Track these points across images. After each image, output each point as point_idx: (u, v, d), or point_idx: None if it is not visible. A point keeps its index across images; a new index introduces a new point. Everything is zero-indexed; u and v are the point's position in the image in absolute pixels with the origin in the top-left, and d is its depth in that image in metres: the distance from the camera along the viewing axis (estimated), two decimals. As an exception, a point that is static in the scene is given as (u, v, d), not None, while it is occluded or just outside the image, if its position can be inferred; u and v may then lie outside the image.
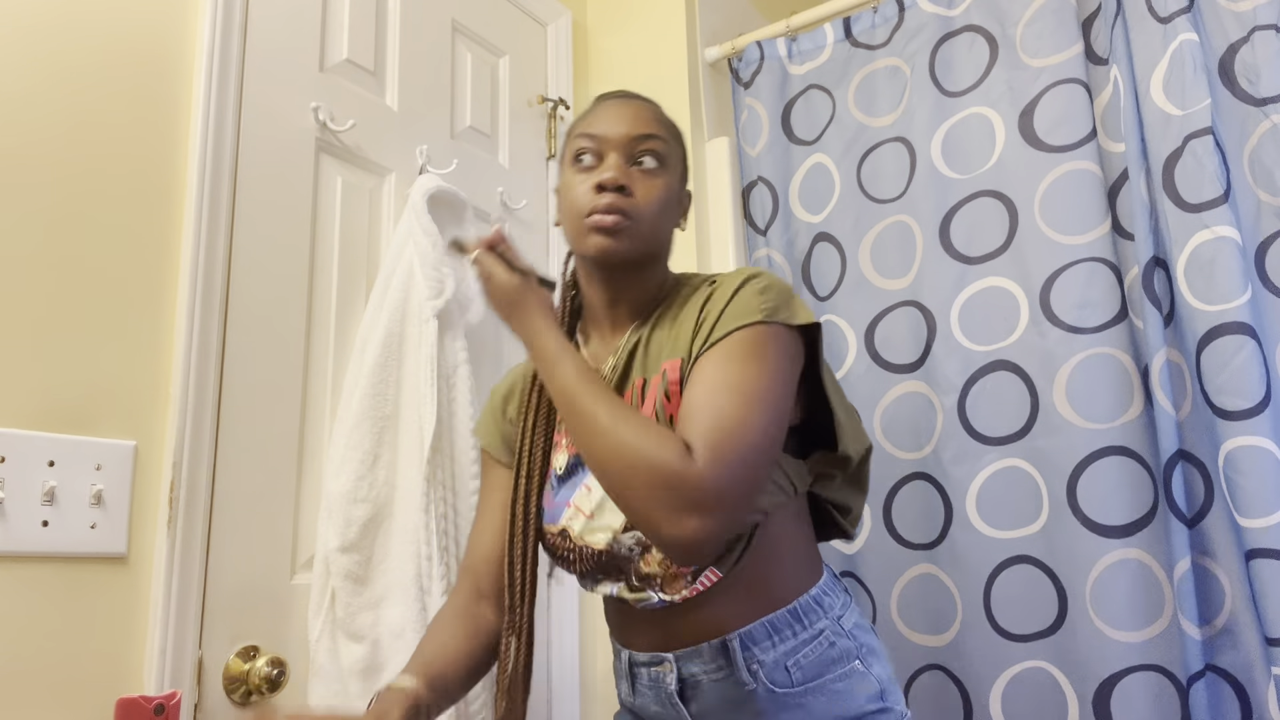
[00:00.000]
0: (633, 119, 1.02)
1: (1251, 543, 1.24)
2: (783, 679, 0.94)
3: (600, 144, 1.01)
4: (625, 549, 0.95)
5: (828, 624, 0.97)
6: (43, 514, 0.99)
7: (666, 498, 0.82)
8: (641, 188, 0.99)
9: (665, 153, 1.02)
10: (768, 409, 0.88)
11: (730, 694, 0.96)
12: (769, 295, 0.94)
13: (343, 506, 1.23)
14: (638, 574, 0.96)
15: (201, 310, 1.15)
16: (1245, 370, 1.27)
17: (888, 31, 1.73)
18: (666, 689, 0.98)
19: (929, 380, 1.56)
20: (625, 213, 0.97)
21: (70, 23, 1.09)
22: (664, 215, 1.01)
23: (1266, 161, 1.36)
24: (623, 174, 0.98)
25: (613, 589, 0.99)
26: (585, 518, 0.98)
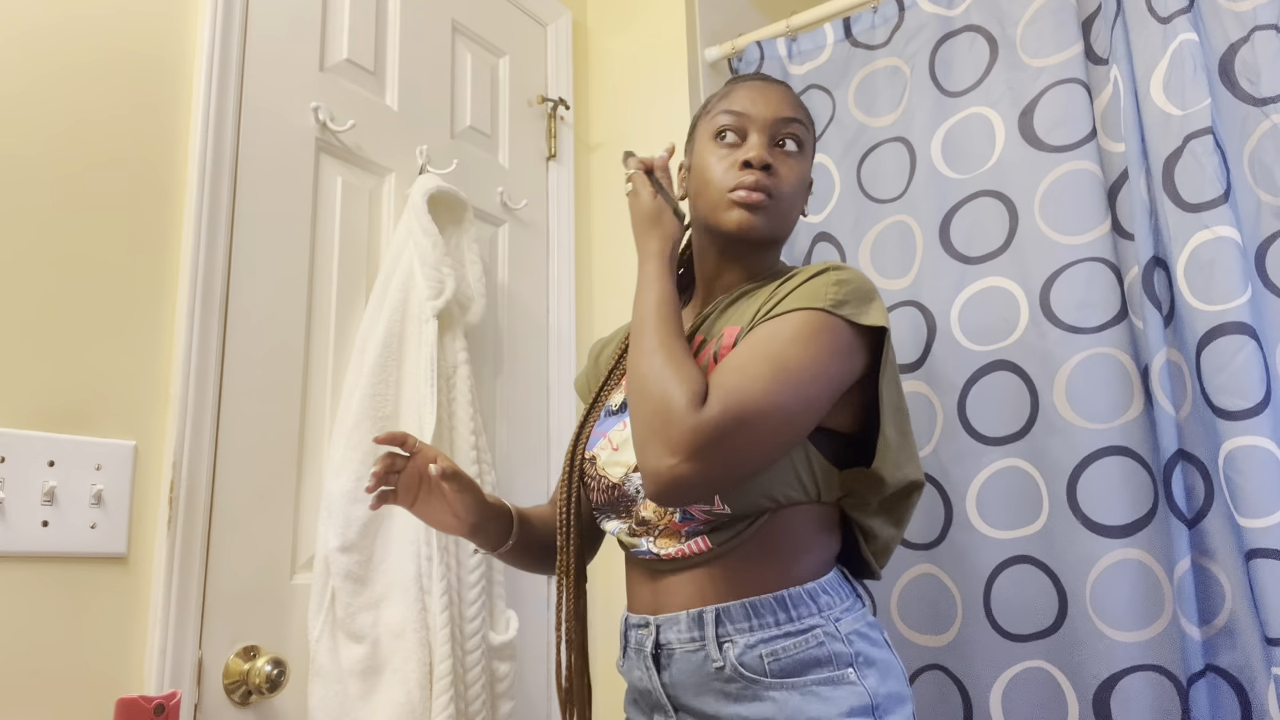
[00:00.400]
0: (778, 101, 1.05)
1: (1251, 543, 1.23)
2: (754, 664, 0.93)
3: (745, 122, 1.03)
4: (634, 488, 0.99)
5: (821, 623, 0.94)
6: (43, 514, 1.00)
7: (659, 429, 0.86)
8: (784, 168, 1.03)
9: (805, 138, 1.06)
10: (795, 390, 0.88)
11: (699, 668, 0.95)
12: (842, 288, 0.94)
13: (343, 506, 1.23)
14: (638, 517, 0.99)
15: (201, 310, 1.15)
16: (1245, 370, 1.27)
17: (888, 31, 1.73)
18: (644, 653, 0.99)
19: (929, 380, 1.56)
20: (769, 191, 1.01)
21: (70, 23, 1.09)
22: (799, 198, 1.05)
23: (1266, 161, 1.36)
24: (767, 154, 1.02)
25: (616, 528, 1.03)
26: (611, 449, 1.02)
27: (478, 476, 1.36)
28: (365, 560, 1.24)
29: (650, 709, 1.02)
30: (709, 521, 0.96)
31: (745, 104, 1.05)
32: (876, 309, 0.96)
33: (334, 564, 1.21)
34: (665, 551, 0.97)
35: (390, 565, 1.25)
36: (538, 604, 1.61)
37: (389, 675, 1.21)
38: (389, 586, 1.24)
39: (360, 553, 1.23)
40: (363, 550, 1.24)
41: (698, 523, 0.96)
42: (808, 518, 0.99)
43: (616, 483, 1.00)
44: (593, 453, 1.05)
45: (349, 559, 1.22)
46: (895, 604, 1.54)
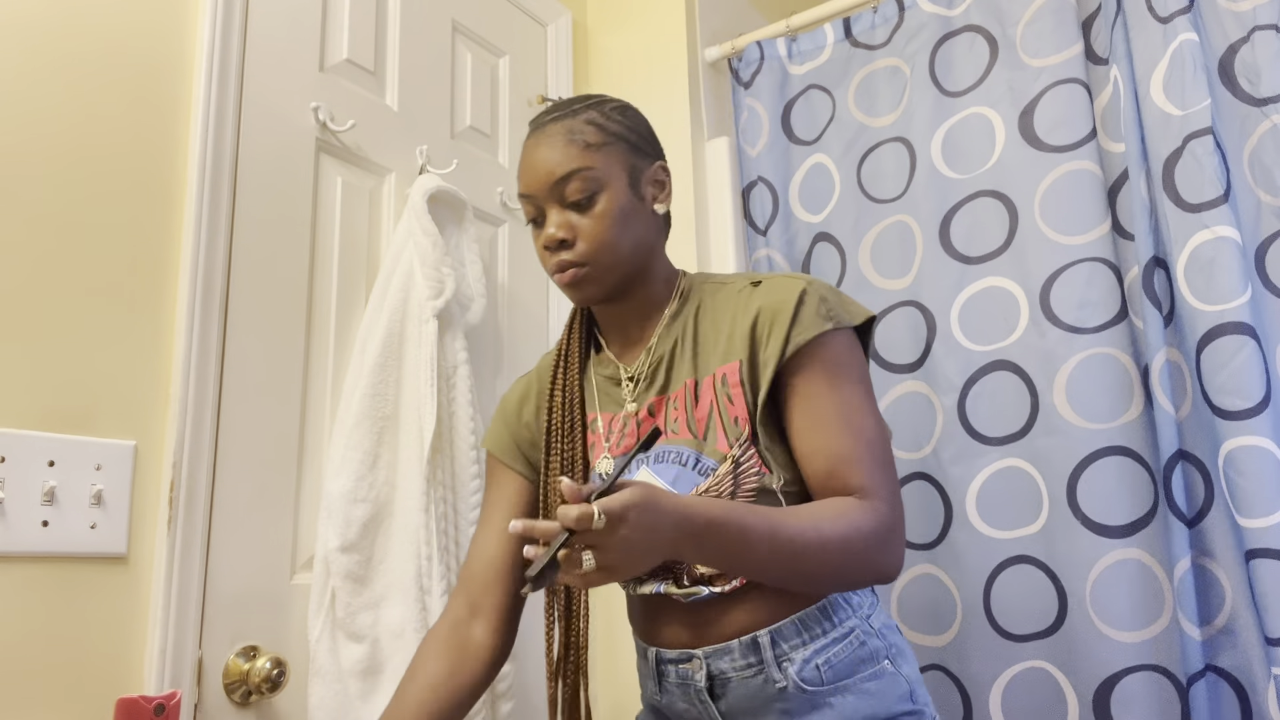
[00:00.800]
0: (546, 160, 0.99)
1: (1251, 543, 1.23)
2: (813, 677, 0.94)
3: (535, 202, 1.01)
4: None
5: (857, 623, 0.97)
6: (43, 514, 0.99)
7: (882, 551, 0.91)
8: (582, 227, 0.98)
9: (594, 174, 0.98)
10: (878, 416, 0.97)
11: (760, 691, 0.95)
12: (825, 302, 0.97)
13: (343, 506, 1.23)
14: (692, 575, 0.97)
15: (201, 310, 1.15)
16: (1245, 370, 1.27)
17: (888, 31, 1.73)
18: (695, 686, 0.98)
19: (929, 380, 1.56)
20: (575, 264, 0.98)
21: (70, 23, 1.09)
22: (620, 233, 0.99)
23: (1266, 161, 1.36)
24: (559, 227, 0.98)
25: (659, 587, 0.99)
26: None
27: (477, 476, 1.36)
28: (365, 560, 1.24)
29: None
30: None
31: (525, 181, 1.01)
32: (853, 302, 1.01)
33: (334, 564, 1.21)
34: (728, 587, 0.96)
35: (390, 565, 1.25)
36: (538, 604, 1.61)
37: (389, 675, 1.21)
38: (389, 586, 1.24)
39: (360, 553, 1.23)
40: (363, 550, 1.24)
41: None
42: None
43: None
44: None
45: (349, 559, 1.22)
46: (895, 604, 1.54)
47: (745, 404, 0.96)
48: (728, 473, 0.95)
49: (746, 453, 0.95)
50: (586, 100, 1.04)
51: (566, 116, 1.01)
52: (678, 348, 1.02)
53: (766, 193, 1.80)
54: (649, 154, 1.05)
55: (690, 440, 0.98)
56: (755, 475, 0.95)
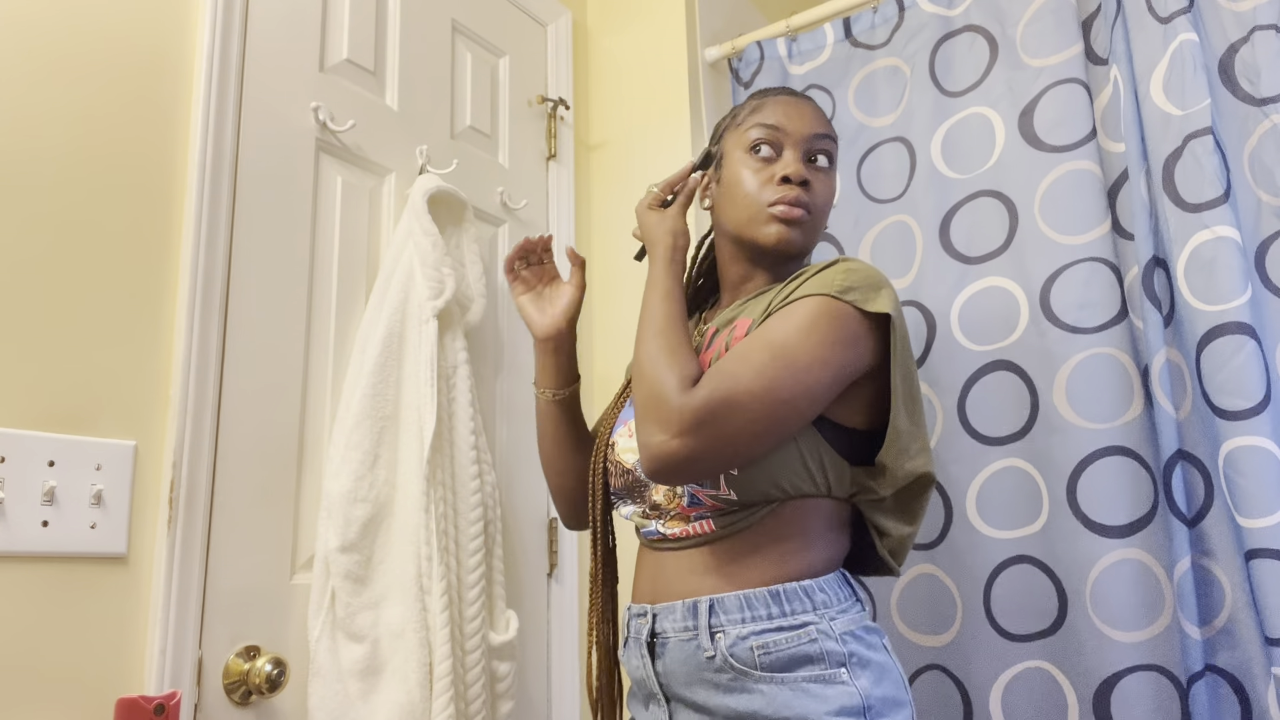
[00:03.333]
0: (811, 116, 1.07)
1: (1251, 543, 1.23)
2: (745, 656, 0.93)
3: (780, 136, 1.06)
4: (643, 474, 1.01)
5: (815, 620, 0.94)
6: (43, 514, 0.99)
7: (653, 409, 0.90)
8: (819, 184, 1.05)
9: (835, 154, 1.09)
10: (793, 374, 0.90)
11: (691, 657, 0.96)
12: (850, 276, 0.95)
13: (343, 506, 1.23)
14: (650, 501, 1.02)
15: (201, 310, 1.15)
16: (1245, 370, 1.27)
17: (888, 31, 1.73)
18: (640, 640, 1.01)
19: (929, 380, 1.56)
20: (808, 207, 1.03)
21: (70, 23, 1.09)
22: (828, 211, 1.08)
23: (1266, 161, 1.36)
24: (803, 170, 1.04)
25: (630, 512, 1.06)
26: (628, 435, 1.06)
27: (477, 476, 1.36)
28: (365, 560, 1.24)
29: (646, 698, 1.04)
30: (715, 508, 0.98)
31: (780, 118, 1.06)
32: (885, 296, 0.96)
33: (334, 564, 1.21)
34: (671, 531, 1.01)
35: (390, 565, 1.25)
36: (538, 604, 1.61)
37: (389, 675, 1.21)
38: (389, 586, 1.24)
39: (360, 553, 1.23)
40: (363, 550, 1.24)
41: (705, 508, 0.99)
42: (816, 512, 0.99)
43: (630, 468, 1.04)
44: (614, 439, 1.09)
45: (349, 559, 1.22)
46: (895, 604, 1.54)
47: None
48: None
49: None
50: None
51: (816, 106, 1.12)
52: (736, 313, 1.08)
53: (766, 193, 1.80)
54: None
55: None
56: None
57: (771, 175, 1.04)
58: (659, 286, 1.01)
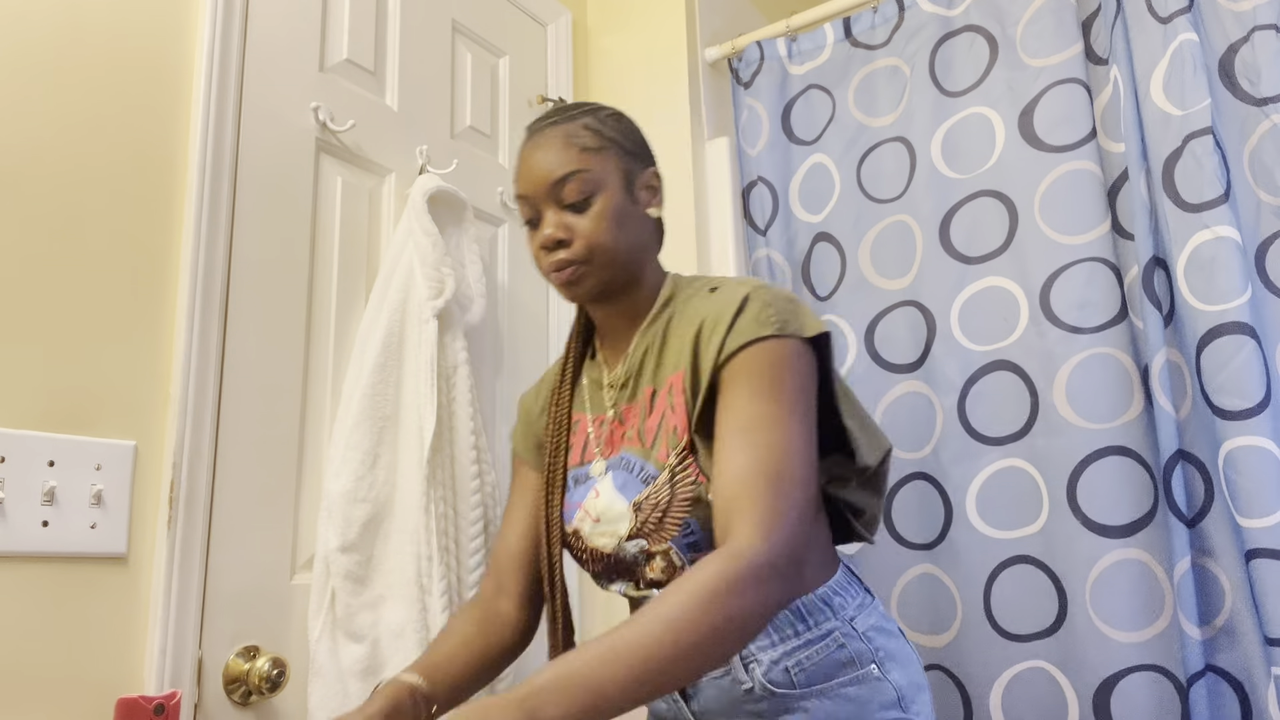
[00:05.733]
0: (544, 162, 1.01)
1: (1251, 543, 1.23)
2: (782, 679, 0.93)
3: (532, 203, 1.02)
4: (630, 555, 0.98)
5: (837, 625, 0.95)
6: (43, 514, 1.00)
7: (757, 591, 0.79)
8: (579, 227, 0.99)
9: (591, 176, 1.00)
10: (801, 443, 0.88)
11: (728, 692, 0.95)
12: (774, 307, 0.93)
13: (343, 506, 1.23)
14: (644, 579, 0.98)
15: (201, 310, 1.15)
16: (1245, 370, 1.27)
17: (888, 31, 1.73)
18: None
19: (929, 380, 1.56)
20: (573, 262, 0.99)
21: (70, 23, 1.09)
22: (616, 234, 1.00)
23: (1266, 161, 1.36)
24: (556, 227, 0.99)
25: (622, 587, 1.02)
26: (592, 521, 1.01)
27: (477, 476, 1.36)
28: (365, 560, 1.24)
29: None
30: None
31: (524, 183, 1.03)
32: (808, 315, 0.95)
33: (334, 564, 1.21)
34: None
35: (390, 565, 1.25)
36: (538, 604, 1.61)
37: (389, 675, 1.21)
38: (389, 586, 1.24)
39: (360, 553, 1.23)
40: (363, 550, 1.24)
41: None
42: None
43: (610, 553, 0.99)
44: (573, 527, 1.03)
45: (349, 559, 1.22)
46: (895, 604, 1.54)
47: (685, 413, 0.95)
48: (665, 482, 0.95)
49: (683, 462, 0.94)
50: (582, 107, 1.06)
51: (563, 121, 1.03)
52: (647, 355, 1.03)
53: (766, 193, 1.80)
54: (642, 160, 1.06)
55: (639, 449, 0.99)
56: (691, 484, 0.93)
57: (538, 247, 1.02)
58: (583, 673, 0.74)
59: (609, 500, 0.99)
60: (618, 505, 0.98)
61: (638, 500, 0.96)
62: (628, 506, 0.97)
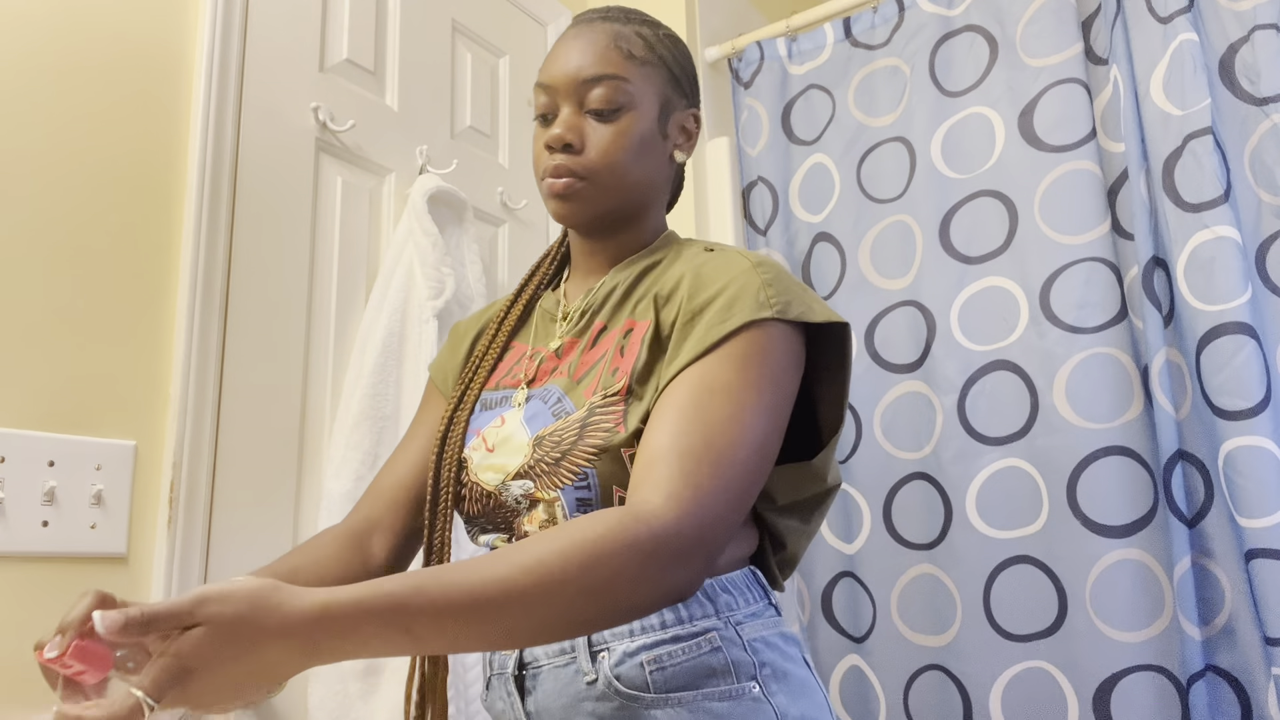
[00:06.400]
0: (580, 56, 0.88)
1: (1251, 543, 1.23)
2: (635, 677, 0.76)
3: (551, 94, 0.89)
4: (512, 499, 0.83)
5: (717, 625, 0.78)
6: (43, 514, 0.99)
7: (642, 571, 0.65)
8: (595, 137, 0.87)
9: (627, 87, 0.88)
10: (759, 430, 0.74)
11: (568, 687, 0.79)
12: (777, 286, 0.80)
13: (343, 506, 1.23)
14: (518, 533, 0.83)
15: (201, 310, 1.15)
16: (1245, 370, 1.27)
17: (888, 31, 1.73)
18: (505, 675, 0.83)
19: (929, 380, 1.56)
20: (575, 173, 0.86)
21: (70, 23, 1.09)
22: (632, 160, 0.88)
23: (1267, 161, 1.36)
24: (570, 129, 0.87)
25: (491, 539, 0.86)
26: (486, 450, 0.86)
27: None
28: (365, 560, 1.24)
29: None
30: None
31: (549, 72, 0.89)
32: (817, 300, 0.82)
33: (334, 564, 1.21)
34: None
35: (390, 565, 1.25)
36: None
37: (389, 675, 1.21)
38: (389, 586, 1.24)
39: (360, 553, 1.23)
40: (363, 550, 1.24)
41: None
42: None
43: (491, 491, 0.84)
44: (465, 453, 0.88)
45: (349, 559, 1.22)
46: (895, 604, 1.54)
47: (636, 358, 0.82)
48: (578, 420, 0.81)
49: (609, 405, 0.80)
50: (642, 15, 0.94)
51: (617, 21, 0.91)
52: (613, 294, 0.89)
53: (766, 193, 1.80)
54: (687, 95, 0.96)
55: (564, 381, 0.85)
56: (605, 431, 0.79)
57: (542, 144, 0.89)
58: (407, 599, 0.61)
59: (511, 429, 0.84)
60: (519, 436, 0.83)
61: (540, 434, 0.82)
62: (529, 439, 0.82)
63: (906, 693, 1.51)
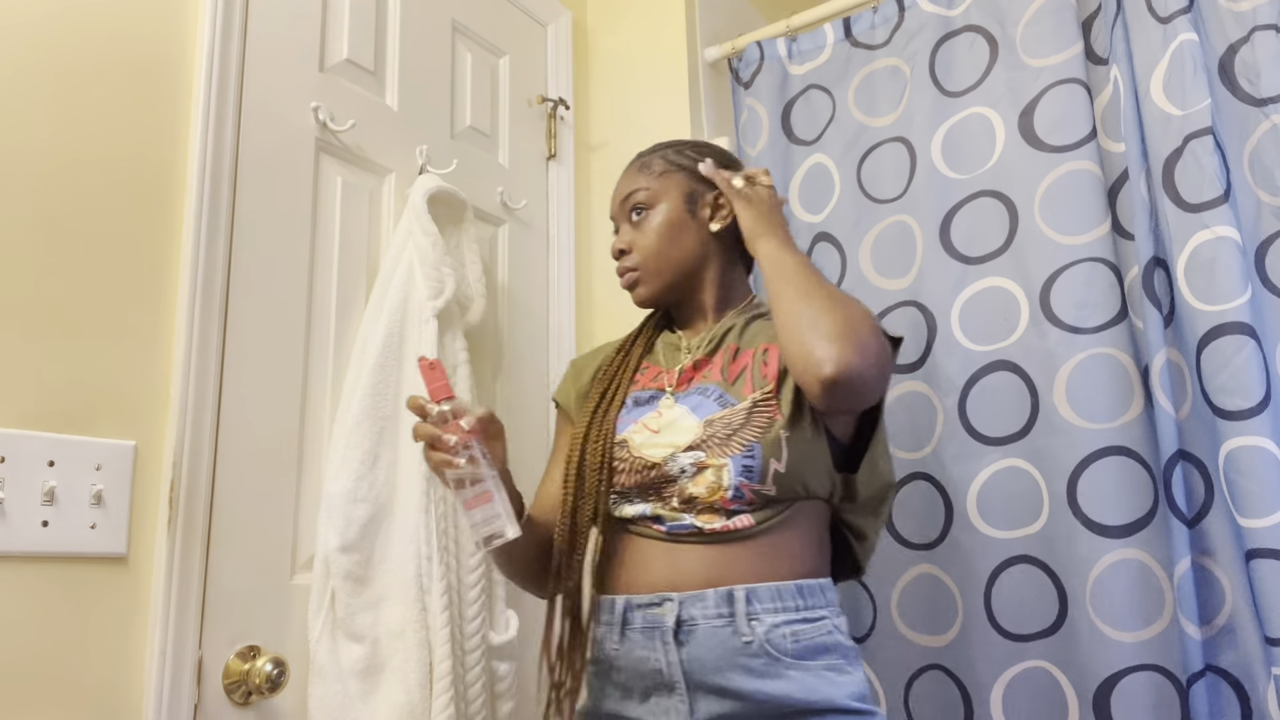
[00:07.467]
0: (621, 186, 1.22)
1: (1251, 543, 1.24)
2: (780, 643, 1.00)
3: (614, 221, 1.23)
4: (677, 469, 1.05)
5: (829, 615, 1.04)
6: (43, 514, 0.99)
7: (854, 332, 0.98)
8: (636, 236, 1.18)
9: (650, 194, 1.18)
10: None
11: (726, 643, 1.01)
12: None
13: (343, 506, 1.23)
14: (681, 495, 1.05)
15: (201, 310, 1.15)
16: (1245, 370, 1.27)
17: (888, 31, 1.73)
18: (662, 629, 1.03)
19: (929, 380, 1.56)
20: (630, 268, 1.18)
21: (70, 23, 1.09)
22: (667, 244, 1.17)
23: (1266, 161, 1.36)
24: (620, 239, 1.20)
25: (644, 509, 1.08)
26: (650, 432, 1.09)
27: (478, 476, 1.35)
28: (365, 560, 1.24)
29: (649, 690, 1.04)
30: (753, 503, 1.04)
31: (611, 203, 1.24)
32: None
33: (334, 564, 1.21)
34: (710, 526, 1.04)
35: (390, 565, 1.25)
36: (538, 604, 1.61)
37: (389, 675, 1.21)
38: (389, 586, 1.24)
39: (360, 553, 1.23)
40: (363, 550, 1.24)
41: (745, 502, 1.04)
42: (820, 514, 1.09)
43: (657, 463, 1.07)
44: (622, 436, 1.11)
45: (349, 559, 1.22)
46: (895, 604, 1.54)
47: (778, 369, 1.08)
48: (744, 408, 1.06)
49: (766, 400, 1.06)
50: (669, 142, 1.25)
51: (645, 154, 1.24)
52: (730, 330, 1.16)
53: (766, 193, 1.80)
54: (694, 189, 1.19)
55: (719, 382, 1.10)
56: (767, 418, 1.05)
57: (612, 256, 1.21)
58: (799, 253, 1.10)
59: (676, 416, 1.09)
60: (686, 420, 1.08)
61: (710, 418, 1.07)
62: (698, 422, 1.07)
63: (907, 692, 1.51)
